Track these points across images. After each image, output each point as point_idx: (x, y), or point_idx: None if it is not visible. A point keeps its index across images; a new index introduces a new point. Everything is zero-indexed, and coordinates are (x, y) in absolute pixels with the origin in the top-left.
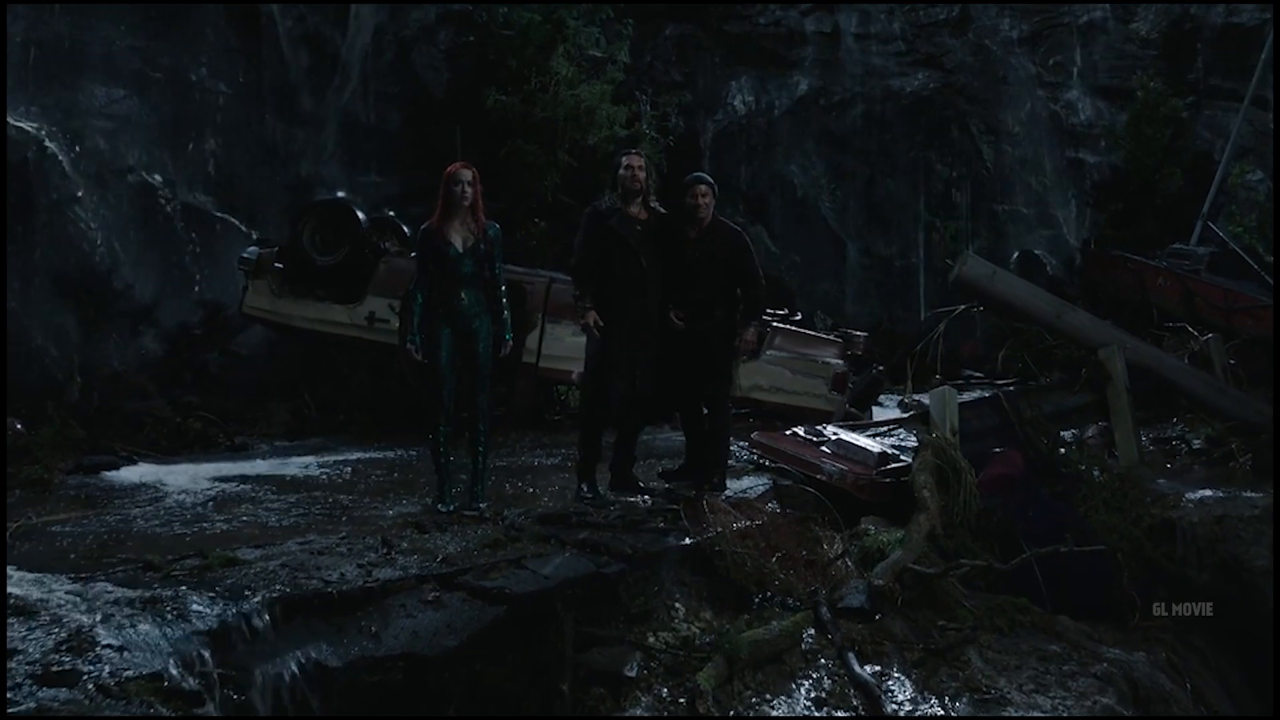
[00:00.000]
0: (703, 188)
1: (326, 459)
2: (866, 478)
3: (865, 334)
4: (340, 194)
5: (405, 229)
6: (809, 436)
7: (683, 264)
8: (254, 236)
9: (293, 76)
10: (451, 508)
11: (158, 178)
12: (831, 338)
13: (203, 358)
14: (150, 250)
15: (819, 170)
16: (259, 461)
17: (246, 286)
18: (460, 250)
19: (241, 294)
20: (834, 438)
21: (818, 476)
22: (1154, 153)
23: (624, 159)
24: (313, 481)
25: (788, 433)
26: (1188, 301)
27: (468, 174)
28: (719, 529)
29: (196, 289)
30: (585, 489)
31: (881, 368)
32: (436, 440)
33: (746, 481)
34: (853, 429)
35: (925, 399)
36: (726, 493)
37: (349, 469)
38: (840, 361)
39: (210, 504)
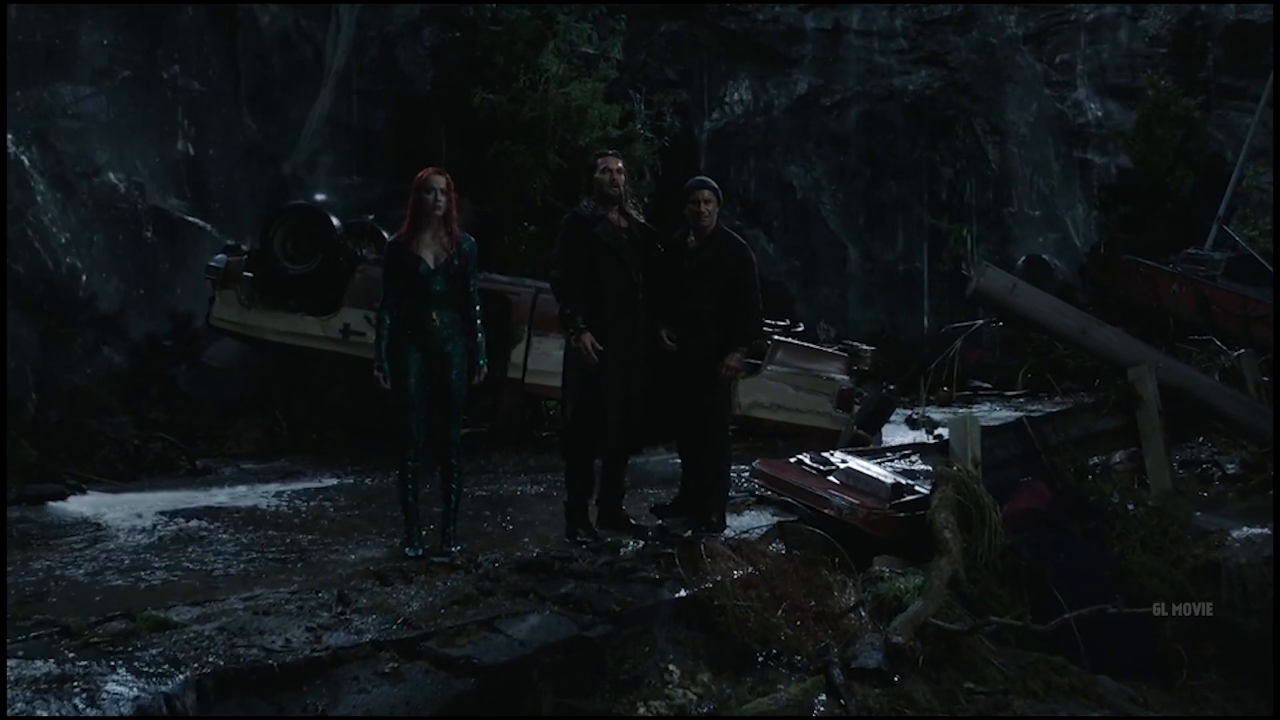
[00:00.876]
0: (706, 193)
1: (292, 487)
2: (879, 512)
3: (873, 348)
4: (321, 196)
5: (385, 235)
6: (815, 465)
7: (677, 276)
8: (227, 243)
9: (271, 73)
10: (420, 552)
11: (126, 180)
12: (836, 351)
13: (170, 371)
14: (117, 257)
15: (819, 172)
16: (219, 490)
17: (214, 297)
18: (432, 266)
19: (209, 305)
20: (843, 466)
21: (825, 511)
22: (1165, 154)
23: (600, 161)
24: (272, 516)
25: (792, 460)
26: (1204, 309)
27: (440, 180)
28: (718, 578)
29: (166, 298)
30: (582, 534)
31: (892, 386)
32: (404, 476)
33: (748, 518)
34: (862, 455)
35: (932, 412)
36: (726, 531)
37: (315, 499)
38: (846, 377)
39: (154, 545)
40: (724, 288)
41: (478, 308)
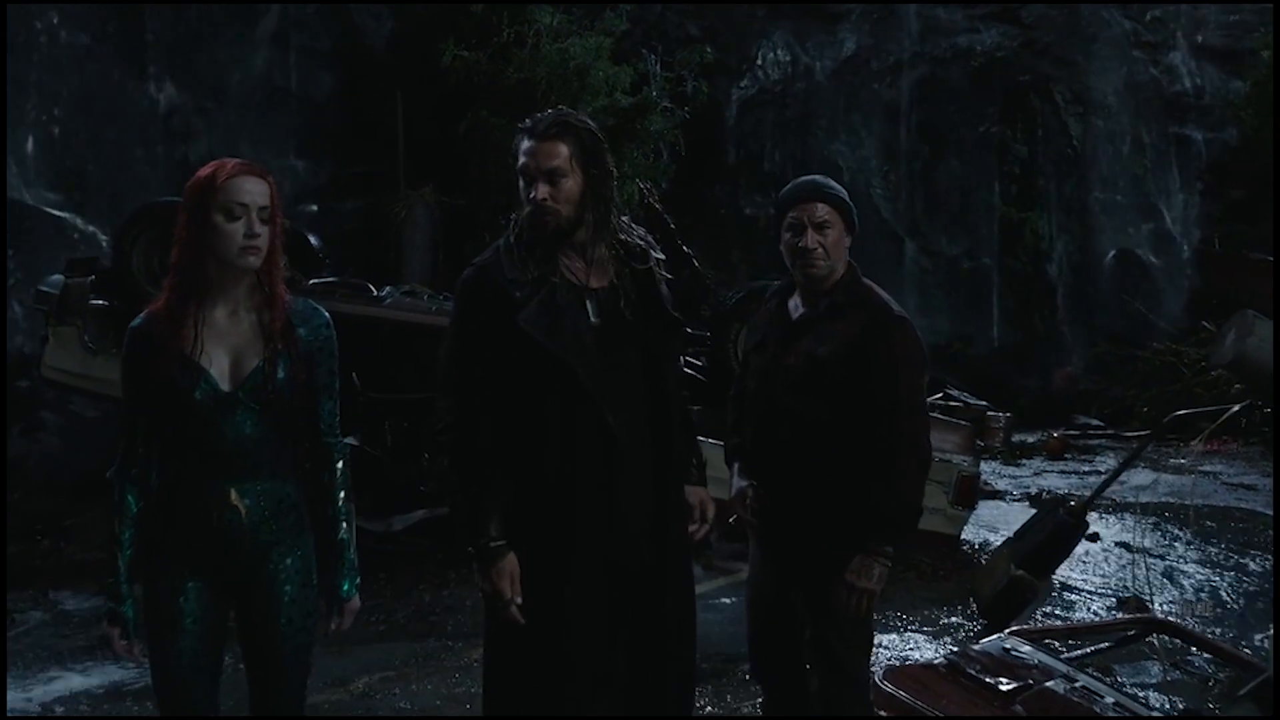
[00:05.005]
0: (820, 208)
1: (105, 677)
2: None
3: (1007, 414)
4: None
5: (313, 241)
6: (982, 678)
7: (763, 379)
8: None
9: (184, 25)
10: None
11: None
12: (953, 419)
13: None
14: None
15: (869, 149)
16: None
17: (46, 336)
18: (225, 387)
19: (41, 346)
20: (1038, 682)
21: None
22: None
23: (525, 143)
24: None
25: (941, 666)
26: None
27: (251, 186)
28: None
29: (16, 326)
30: None
31: (1073, 504)
32: None
33: None
34: (1049, 636)
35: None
36: None
37: None
38: (967, 459)
39: None
40: (855, 406)
41: (341, 463)
